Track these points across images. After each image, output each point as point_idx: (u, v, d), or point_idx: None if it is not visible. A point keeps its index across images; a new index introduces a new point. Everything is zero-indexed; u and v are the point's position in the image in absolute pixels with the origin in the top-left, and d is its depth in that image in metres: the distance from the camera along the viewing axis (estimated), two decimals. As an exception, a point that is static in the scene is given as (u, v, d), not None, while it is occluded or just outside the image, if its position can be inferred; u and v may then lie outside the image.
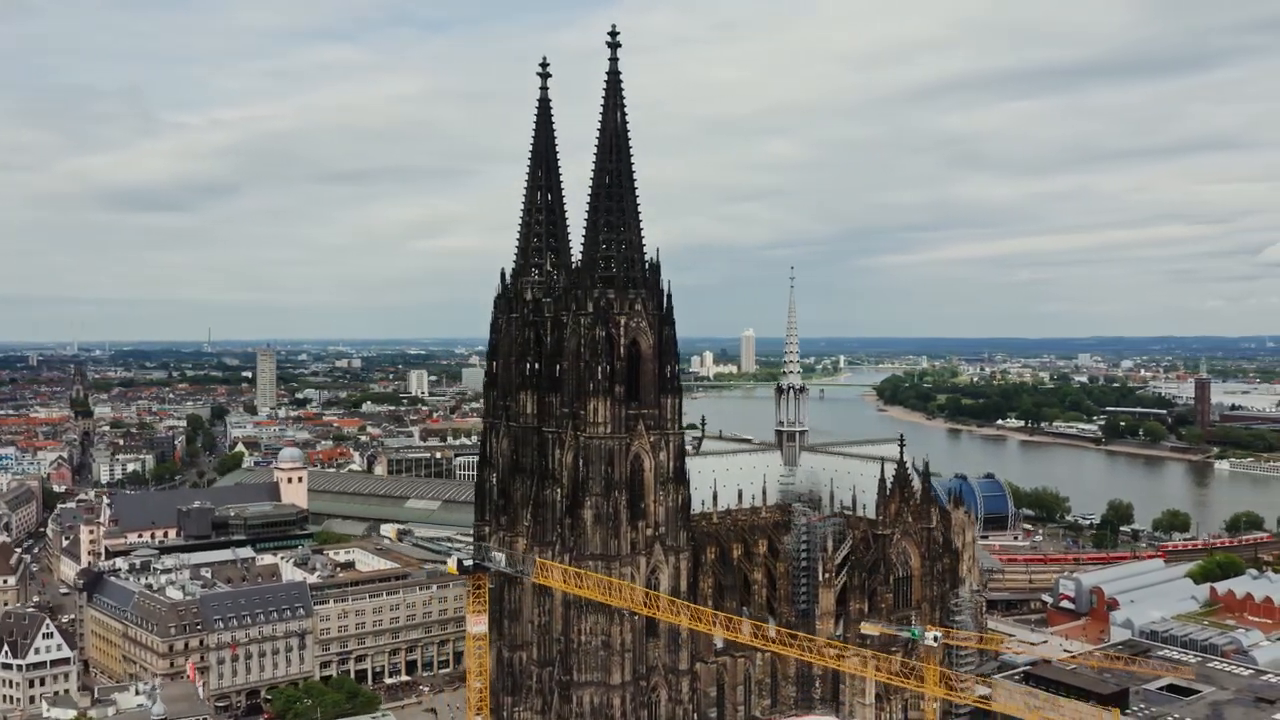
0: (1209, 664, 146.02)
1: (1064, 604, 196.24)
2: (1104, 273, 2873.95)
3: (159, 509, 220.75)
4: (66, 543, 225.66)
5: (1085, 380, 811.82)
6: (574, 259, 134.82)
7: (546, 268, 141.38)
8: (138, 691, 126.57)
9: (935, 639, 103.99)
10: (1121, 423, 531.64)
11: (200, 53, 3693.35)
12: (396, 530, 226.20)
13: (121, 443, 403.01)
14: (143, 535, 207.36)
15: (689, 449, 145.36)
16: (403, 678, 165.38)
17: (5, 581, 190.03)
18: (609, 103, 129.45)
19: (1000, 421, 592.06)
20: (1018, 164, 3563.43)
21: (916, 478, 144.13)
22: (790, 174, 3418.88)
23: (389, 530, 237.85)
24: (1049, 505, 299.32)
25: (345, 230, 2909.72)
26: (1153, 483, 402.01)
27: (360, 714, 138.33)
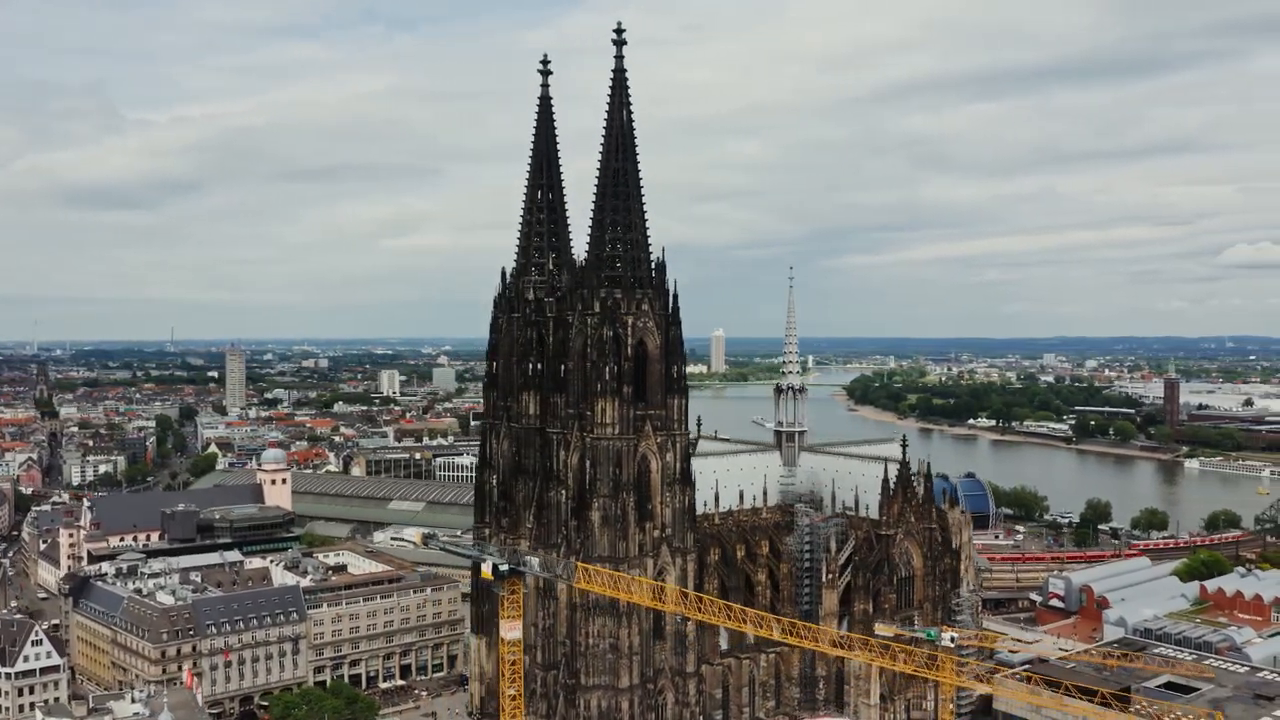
0: (1205, 661, 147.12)
1: (1053, 603, 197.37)
2: (1068, 274, 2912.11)
3: (140, 512, 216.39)
4: (44, 546, 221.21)
5: (1051, 380, 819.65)
6: (575, 258, 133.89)
7: (548, 267, 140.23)
8: (134, 700, 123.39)
9: (952, 639, 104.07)
10: (1091, 422, 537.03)
11: (166, 49, 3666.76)
12: (422, 534, 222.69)
13: (91, 444, 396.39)
14: (125, 539, 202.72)
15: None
16: (397, 682, 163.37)
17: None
18: (614, 100, 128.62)
19: (971, 421, 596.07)
20: (984, 165, 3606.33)
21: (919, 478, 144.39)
22: (759, 174, 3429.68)
23: (413, 534, 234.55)
24: (1028, 504, 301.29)
25: (313, 228, 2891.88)
26: (1125, 481, 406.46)
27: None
